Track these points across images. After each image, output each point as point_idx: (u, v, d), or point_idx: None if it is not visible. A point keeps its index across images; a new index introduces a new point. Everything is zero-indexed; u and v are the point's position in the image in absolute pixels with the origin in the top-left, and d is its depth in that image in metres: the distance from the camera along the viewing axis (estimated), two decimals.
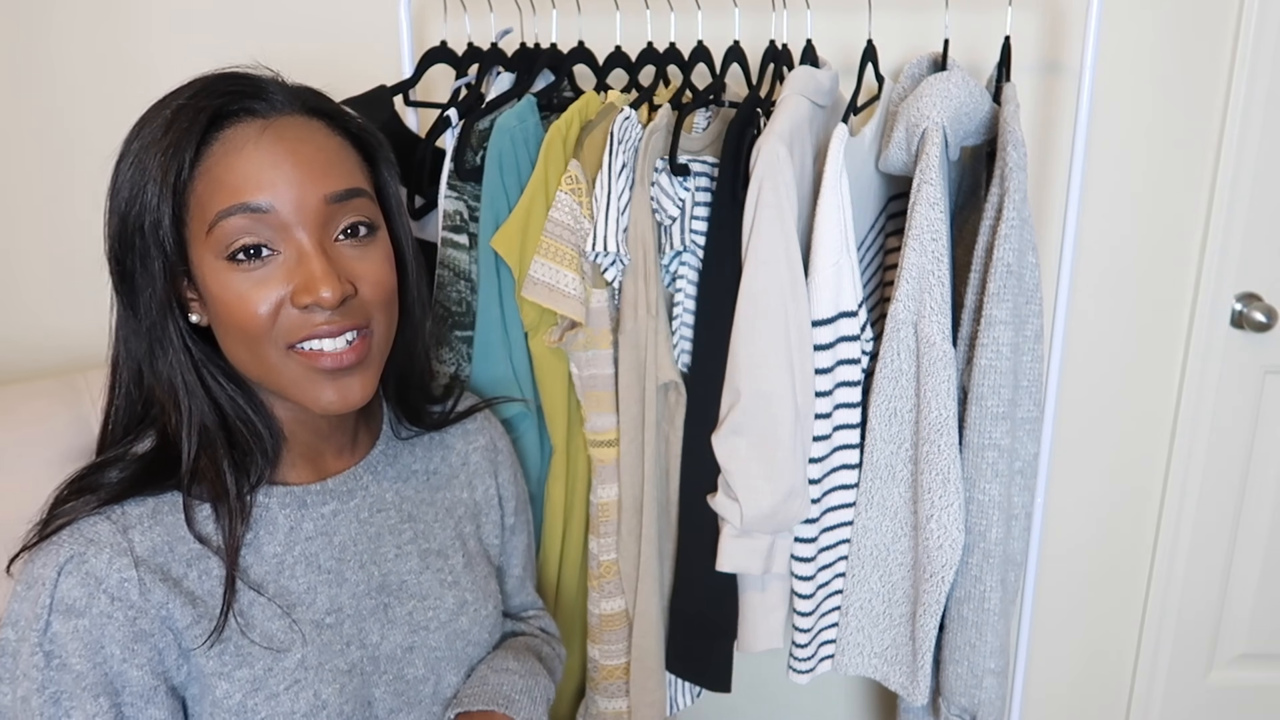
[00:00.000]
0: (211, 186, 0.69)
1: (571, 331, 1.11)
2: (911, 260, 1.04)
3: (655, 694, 1.19)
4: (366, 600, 0.81)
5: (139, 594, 0.70)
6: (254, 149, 0.70)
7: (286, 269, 0.71)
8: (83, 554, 0.69)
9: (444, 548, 0.89)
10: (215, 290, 0.71)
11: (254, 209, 0.69)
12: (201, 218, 0.70)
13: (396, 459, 0.89)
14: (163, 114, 0.71)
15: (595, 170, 1.08)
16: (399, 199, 0.82)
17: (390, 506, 0.86)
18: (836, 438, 1.12)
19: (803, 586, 1.15)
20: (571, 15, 1.28)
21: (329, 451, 0.83)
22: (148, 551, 0.71)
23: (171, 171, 0.69)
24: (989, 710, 1.14)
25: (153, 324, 0.73)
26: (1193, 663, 1.68)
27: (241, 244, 0.69)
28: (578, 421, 1.16)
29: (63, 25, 1.56)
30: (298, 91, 0.76)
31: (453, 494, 0.93)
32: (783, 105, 1.04)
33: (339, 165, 0.74)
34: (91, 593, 0.68)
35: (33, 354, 1.70)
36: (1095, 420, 1.56)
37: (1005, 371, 1.06)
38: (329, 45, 1.51)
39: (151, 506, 0.73)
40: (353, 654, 0.79)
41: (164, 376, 0.74)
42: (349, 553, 0.81)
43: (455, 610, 0.87)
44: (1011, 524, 1.13)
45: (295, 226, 0.71)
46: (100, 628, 0.68)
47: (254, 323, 0.70)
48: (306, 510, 0.80)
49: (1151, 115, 1.42)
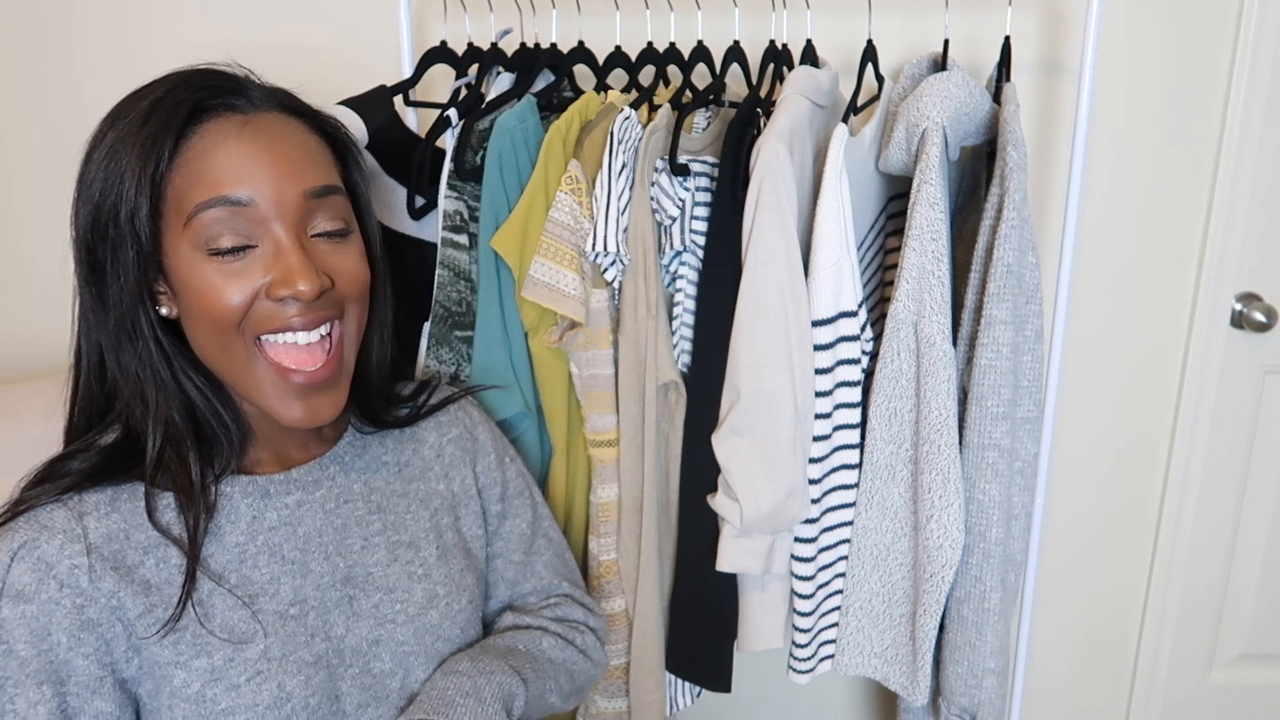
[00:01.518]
0: (190, 179, 0.70)
1: (571, 331, 1.11)
2: (911, 260, 1.04)
3: (655, 694, 1.19)
4: (331, 592, 0.80)
5: (88, 581, 0.69)
6: (235, 143, 0.71)
7: (264, 262, 0.72)
8: (35, 539, 0.69)
9: (415, 540, 0.88)
10: (189, 280, 0.71)
11: (234, 202, 0.70)
12: (179, 209, 0.70)
13: (365, 450, 0.88)
14: (139, 106, 0.71)
15: (595, 170, 1.08)
16: (369, 200, 0.84)
17: (358, 498, 0.85)
18: (836, 438, 1.12)
19: (803, 586, 1.15)
20: (571, 15, 1.28)
21: (294, 443, 0.84)
22: (102, 539, 0.71)
23: (150, 162, 0.69)
24: (989, 710, 1.14)
25: (122, 315, 0.73)
26: (1193, 663, 1.68)
27: (222, 240, 0.70)
28: (578, 421, 1.16)
29: (61, 27, 1.56)
30: (274, 90, 0.77)
31: (428, 486, 0.92)
32: (783, 105, 1.04)
33: (317, 162, 0.75)
34: (41, 579, 0.68)
35: (33, 354, 1.71)
36: (1095, 420, 1.56)
37: (1005, 371, 1.06)
38: (330, 45, 1.51)
39: (110, 494, 0.73)
40: (318, 646, 0.78)
41: (130, 369, 0.74)
42: (314, 544, 0.81)
43: (424, 604, 0.85)
44: (1011, 524, 1.13)
45: (273, 220, 0.71)
46: (48, 614, 0.68)
47: (225, 312, 0.71)
48: (270, 500, 0.79)
49: (1151, 115, 1.42)
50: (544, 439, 1.18)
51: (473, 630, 0.90)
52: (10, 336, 1.71)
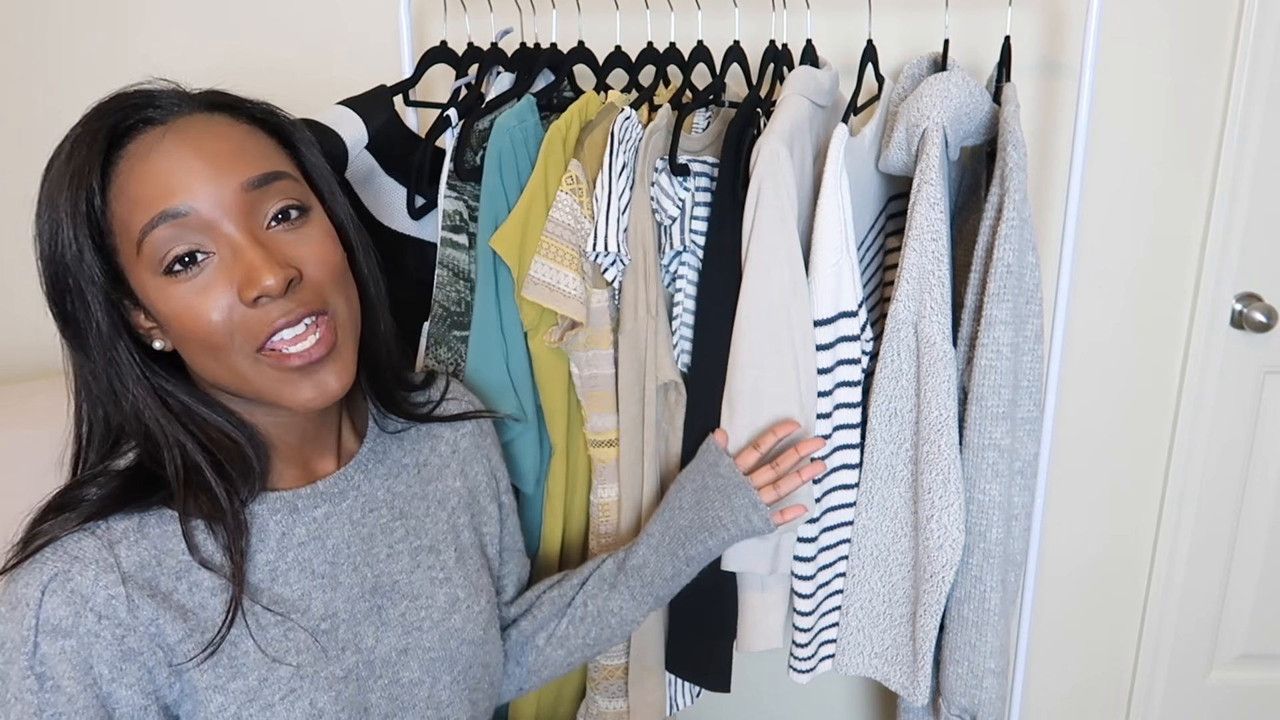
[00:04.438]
0: (128, 205, 0.68)
1: (572, 331, 1.11)
2: (911, 260, 1.04)
3: (655, 694, 1.19)
4: (361, 603, 0.80)
5: (127, 611, 0.68)
6: (159, 154, 0.68)
7: (225, 268, 0.69)
8: (67, 571, 0.67)
9: (435, 543, 0.88)
10: (163, 308, 0.69)
11: (174, 215, 0.67)
12: (128, 239, 0.69)
13: (386, 455, 0.88)
14: (63, 150, 0.70)
15: (595, 170, 1.08)
16: (329, 178, 0.80)
17: (382, 505, 0.85)
18: (837, 438, 1.12)
19: (803, 586, 1.15)
20: (571, 15, 1.28)
21: (316, 454, 0.82)
22: (135, 566, 0.69)
23: (81, 200, 0.68)
24: (989, 710, 1.14)
25: (107, 361, 0.71)
26: (1193, 663, 1.68)
27: (174, 254, 0.68)
28: (578, 421, 1.16)
29: (59, 30, 1.56)
30: (193, 94, 0.74)
31: (445, 484, 0.91)
32: (783, 105, 1.04)
33: (249, 152, 0.72)
34: (78, 611, 0.66)
35: (33, 354, 1.70)
36: (1095, 420, 1.56)
37: (1005, 371, 1.06)
38: (330, 45, 1.51)
39: (138, 520, 0.71)
40: (348, 659, 0.78)
41: (130, 415, 0.73)
42: (342, 555, 0.80)
43: (447, 609, 0.86)
44: (1011, 524, 1.13)
45: (221, 222, 0.69)
46: (88, 647, 0.66)
47: (211, 330, 0.69)
48: (298, 515, 0.78)
49: (1151, 115, 1.42)
50: (544, 439, 1.17)
51: (493, 629, 0.91)
52: (11, 337, 1.71)
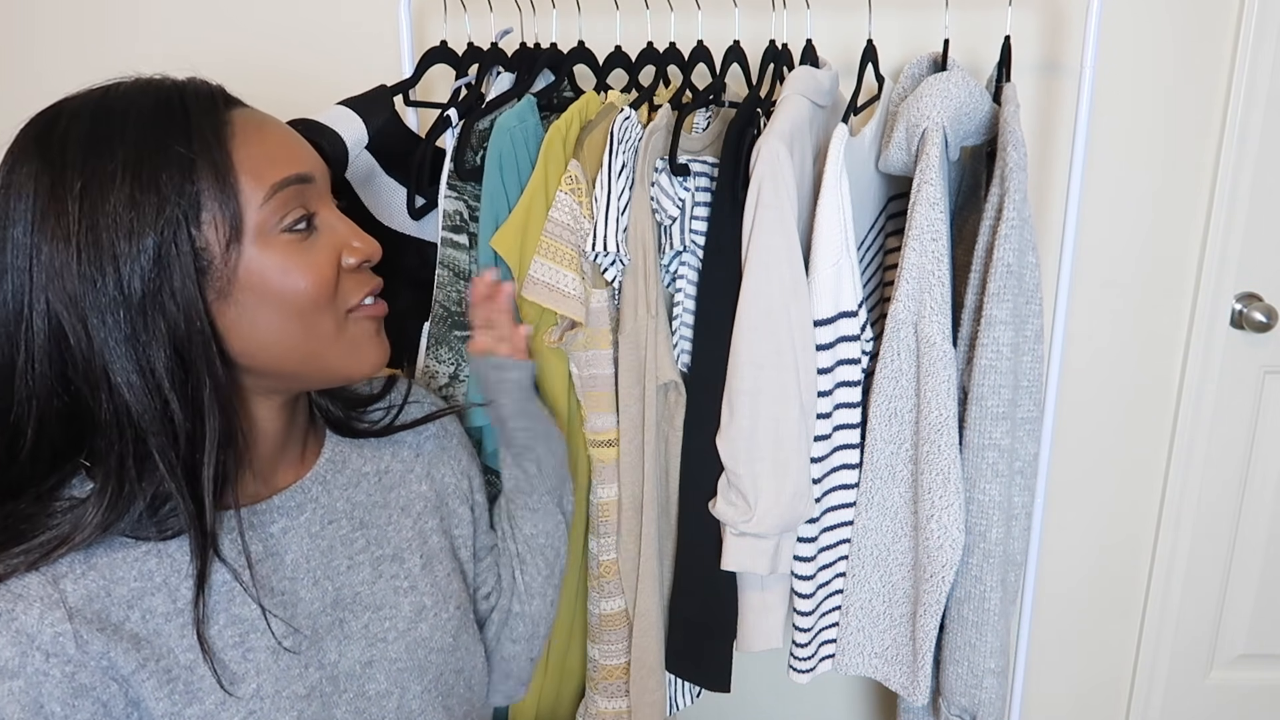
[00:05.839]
0: (257, 158, 0.68)
1: (571, 331, 1.11)
2: (911, 260, 1.04)
3: (655, 694, 1.19)
4: (322, 618, 0.77)
5: (76, 647, 0.65)
6: (272, 125, 0.71)
7: (329, 236, 0.72)
8: (11, 611, 0.64)
9: (399, 551, 0.85)
10: (274, 270, 0.68)
11: (302, 179, 0.70)
12: (258, 187, 0.67)
13: (345, 464, 0.84)
14: (127, 134, 0.66)
15: (595, 170, 1.08)
16: None
17: (341, 516, 0.82)
18: (837, 438, 1.12)
19: (803, 586, 1.15)
20: (571, 15, 1.28)
21: (281, 463, 0.80)
22: (82, 600, 0.66)
23: (212, 152, 0.66)
24: (989, 710, 1.14)
25: (186, 350, 0.66)
26: (1193, 663, 1.68)
27: (297, 214, 0.69)
28: (577, 421, 1.16)
29: (59, 30, 1.56)
30: None
31: (408, 490, 0.88)
32: (783, 105, 1.04)
33: None
34: (24, 651, 0.64)
35: None
36: (1095, 420, 1.56)
37: (1005, 371, 1.06)
38: (330, 45, 1.51)
39: (84, 551, 0.68)
40: (311, 677, 0.75)
41: (209, 417, 0.68)
42: (301, 571, 0.77)
43: (413, 618, 0.83)
44: (1011, 524, 1.13)
45: (325, 196, 0.73)
46: (37, 687, 0.64)
47: (321, 286, 0.70)
48: (255, 532, 0.76)
49: (1151, 115, 1.42)
50: None
51: (465, 635, 0.88)
52: None
